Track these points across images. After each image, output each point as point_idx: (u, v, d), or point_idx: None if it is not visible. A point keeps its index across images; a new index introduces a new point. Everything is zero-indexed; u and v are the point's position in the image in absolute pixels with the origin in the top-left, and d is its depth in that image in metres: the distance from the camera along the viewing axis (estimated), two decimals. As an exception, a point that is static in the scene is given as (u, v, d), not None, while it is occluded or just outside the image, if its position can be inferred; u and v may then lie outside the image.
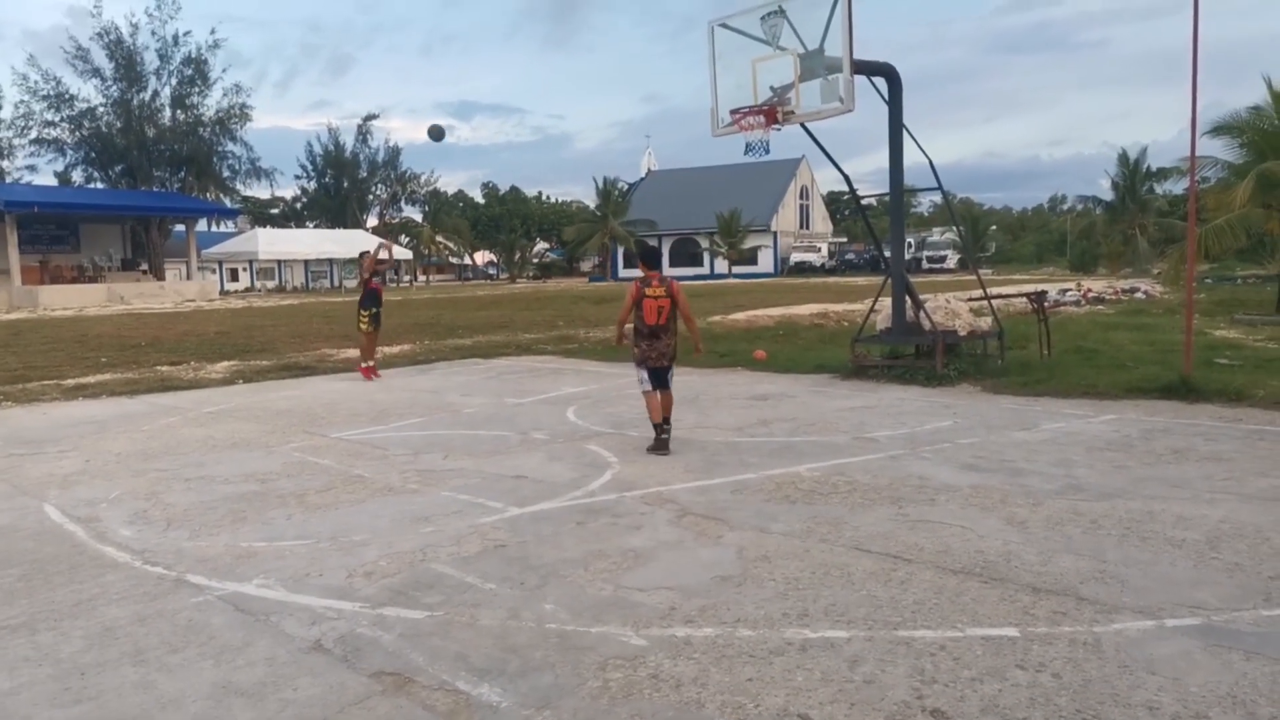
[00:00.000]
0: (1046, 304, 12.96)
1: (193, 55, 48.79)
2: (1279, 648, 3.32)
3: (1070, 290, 26.25)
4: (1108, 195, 49.55)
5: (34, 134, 47.99)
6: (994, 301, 12.25)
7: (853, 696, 3.07)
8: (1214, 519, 4.91)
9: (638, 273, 7.68)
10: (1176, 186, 42.27)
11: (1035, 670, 3.21)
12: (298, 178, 72.84)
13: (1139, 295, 25.50)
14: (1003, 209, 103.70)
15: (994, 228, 76.24)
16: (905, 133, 10.81)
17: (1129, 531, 4.74)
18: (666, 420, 7.23)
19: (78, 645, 3.71)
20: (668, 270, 65.06)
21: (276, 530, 5.26)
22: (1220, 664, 3.21)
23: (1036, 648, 3.39)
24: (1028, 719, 2.88)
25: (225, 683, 3.33)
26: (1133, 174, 47.20)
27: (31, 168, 49.96)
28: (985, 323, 11.75)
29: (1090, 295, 24.84)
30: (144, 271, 42.20)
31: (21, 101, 47.35)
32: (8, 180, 48.58)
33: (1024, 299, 14.33)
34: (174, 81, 49.13)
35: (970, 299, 12.60)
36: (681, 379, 11.10)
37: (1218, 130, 19.64)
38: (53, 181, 49.99)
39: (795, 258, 60.40)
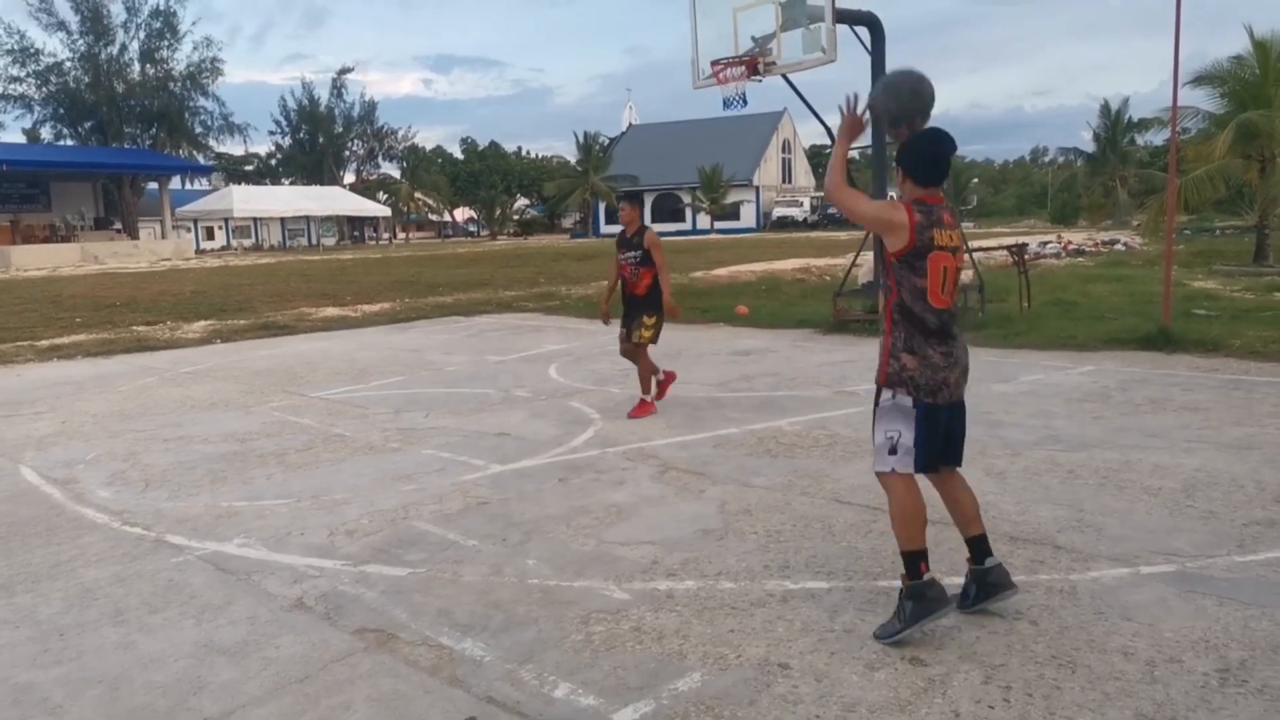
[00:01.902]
0: (1027, 256, 12.99)
1: (160, 7, 47.59)
2: (1251, 593, 3.38)
3: (1051, 243, 26.34)
4: (1089, 147, 49.50)
5: (-1, 89, 46.82)
6: (975, 254, 12.25)
7: (832, 646, 3.10)
8: (1190, 468, 4.97)
9: (617, 228, 7.17)
10: (1157, 138, 42.29)
11: (1012, 618, 3.25)
12: (272, 134, 71.42)
13: (1119, 247, 25.61)
14: (985, 162, 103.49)
15: (975, 180, 76.15)
16: (888, 84, 10.69)
17: (1106, 481, 4.79)
18: (983, 552, 3.31)
19: (57, 606, 3.69)
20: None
21: (257, 490, 5.23)
22: (1194, 609, 3.26)
23: (1014, 596, 3.42)
24: (1005, 665, 2.92)
25: (207, 642, 3.32)
26: (1114, 125, 47.13)
27: (-2, 124, 48.73)
28: (966, 276, 11.75)
29: (1070, 247, 24.93)
30: (117, 230, 41.52)
31: (-15, 56, 46.12)
32: (-26, 137, 47.47)
33: (1004, 252, 14.35)
34: (142, 35, 47.98)
35: (952, 252, 12.59)
36: (663, 335, 11.13)
37: (1199, 80, 19.58)
38: (21, 139, 48.88)
39: (778, 212, 60.18)
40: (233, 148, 62.17)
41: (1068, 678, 2.83)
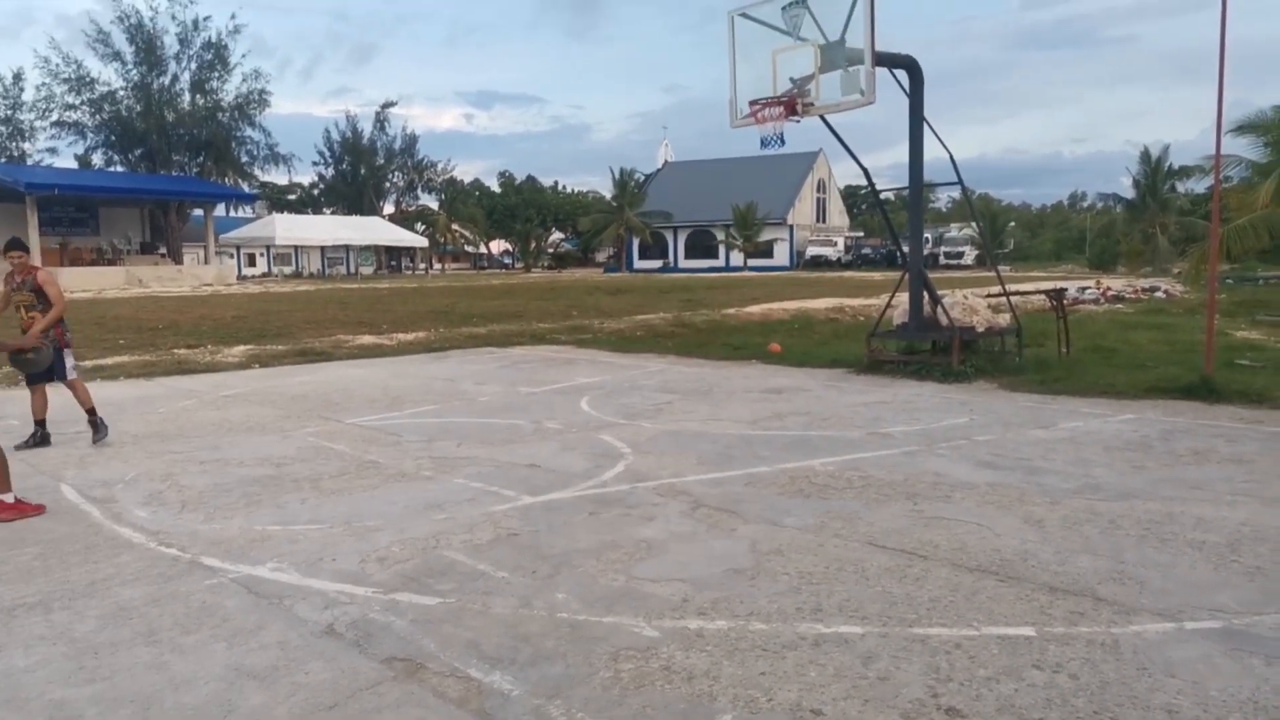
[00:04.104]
0: (1066, 301, 12.85)
1: (213, 40, 49.08)
2: (1301, 653, 3.27)
3: (1089, 288, 26.03)
4: (1129, 193, 49.06)
5: (55, 116, 48.47)
6: (1012, 298, 12.15)
7: (866, 693, 3.04)
8: (1235, 521, 4.85)
9: (655, 264, 7.38)
10: (1198, 185, 41.94)
11: (1052, 670, 3.17)
12: (315, 164, 73.06)
13: (1159, 294, 25.25)
14: (1022, 205, 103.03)
15: (1013, 224, 75.64)
16: (926, 126, 10.72)
17: (1148, 532, 4.69)
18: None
19: (92, 625, 3.73)
20: (683, 262, 65.07)
21: (290, 514, 5.27)
22: (1241, 668, 3.16)
23: (1053, 648, 3.35)
24: (1044, 719, 2.84)
25: (238, 665, 3.33)
26: (1154, 172, 46.68)
27: (52, 150, 50.53)
28: (1003, 319, 11.66)
29: (1110, 294, 24.62)
30: (162, 255, 42.42)
31: (43, 84, 47.79)
32: (29, 162, 49.02)
33: (1043, 296, 14.21)
34: (193, 66, 49.46)
35: (988, 295, 12.51)
36: (694, 371, 11.14)
37: (1242, 129, 19.47)
38: (73, 164, 50.35)
39: (811, 251, 60.12)
40: (277, 177, 63.52)
41: (1109, 735, 2.75)
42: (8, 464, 5.38)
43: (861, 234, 68.83)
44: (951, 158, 10.99)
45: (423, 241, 62.94)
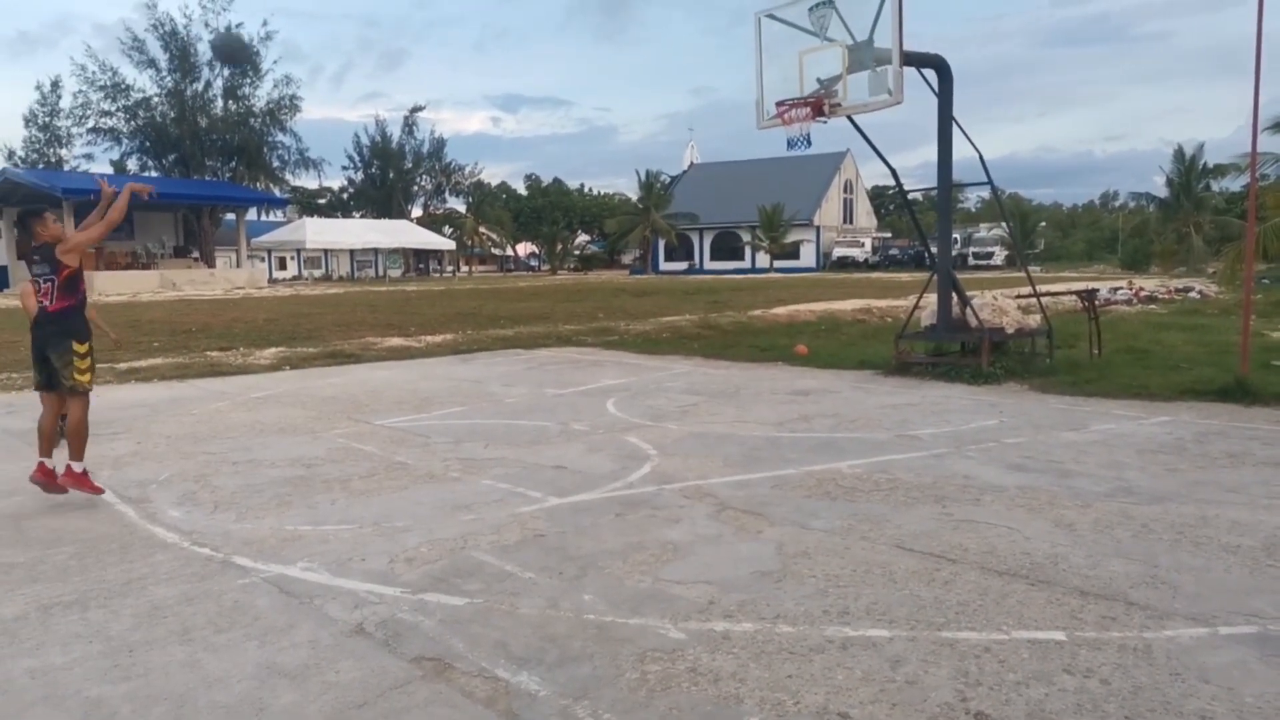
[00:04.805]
0: (1097, 302, 12.69)
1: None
2: (1340, 660, 3.21)
3: (1122, 289, 25.69)
4: (1162, 192, 48.44)
5: (91, 123, 49.36)
6: (1043, 299, 12.02)
7: (894, 697, 3.03)
8: (1271, 525, 4.77)
9: (681, 265, 7.36)
10: (1234, 184, 41.30)
11: (1083, 675, 3.14)
12: (345, 168, 73.83)
13: (1193, 295, 24.86)
14: (1053, 205, 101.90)
15: (1043, 224, 74.77)
16: (955, 126, 10.63)
17: (1181, 536, 4.62)
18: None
19: (127, 623, 3.79)
20: (709, 264, 65.05)
21: (321, 515, 5.33)
22: (1277, 674, 3.11)
23: (1085, 652, 3.31)
24: (1075, 725, 2.81)
25: (269, 664, 3.38)
26: (1188, 170, 46.01)
27: (88, 156, 51.18)
28: (1034, 321, 11.53)
29: (1142, 294, 24.29)
30: (195, 259, 43.05)
31: (80, 91, 48.69)
32: (65, 168, 49.91)
33: (1074, 297, 14.04)
34: (226, 72, 50.14)
35: (1018, 296, 12.38)
36: (720, 372, 11.16)
37: (1279, 126, 19.09)
38: (109, 170, 51.17)
39: (838, 253, 59.86)
40: (307, 181, 64.23)
41: (1142, 741, 2.72)
42: (87, 437, 5.73)
43: (889, 235, 68.42)
44: (981, 157, 10.89)
45: (450, 244, 63.34)
